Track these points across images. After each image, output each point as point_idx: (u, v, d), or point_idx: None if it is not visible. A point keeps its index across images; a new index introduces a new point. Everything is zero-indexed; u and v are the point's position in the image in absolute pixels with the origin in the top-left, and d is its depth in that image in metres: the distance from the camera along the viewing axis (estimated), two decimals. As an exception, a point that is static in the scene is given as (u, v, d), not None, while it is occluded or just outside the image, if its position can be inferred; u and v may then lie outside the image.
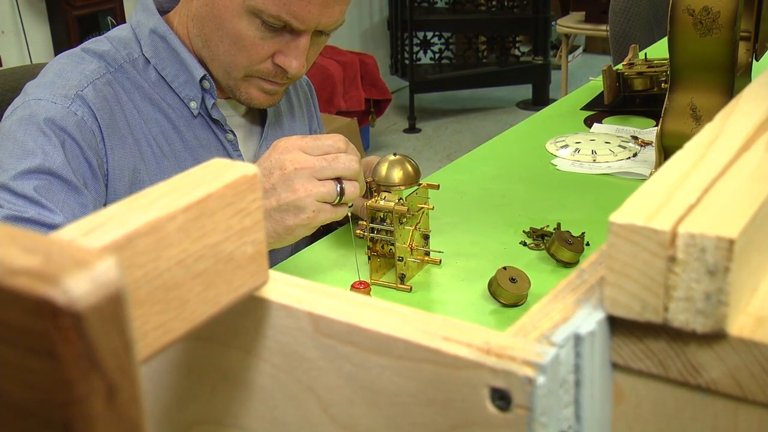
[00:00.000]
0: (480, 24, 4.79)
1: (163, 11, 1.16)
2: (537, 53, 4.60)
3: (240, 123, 1.20)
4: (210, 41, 1.10)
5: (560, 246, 1.06)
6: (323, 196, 0.96)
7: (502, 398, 0.32)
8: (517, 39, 4.84)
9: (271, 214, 0.96)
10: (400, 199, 1.03)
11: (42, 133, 1.02)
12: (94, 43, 1.14)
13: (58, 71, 1.09)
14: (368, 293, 1.02)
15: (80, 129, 1.04)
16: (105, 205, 1.08)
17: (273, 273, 0.38)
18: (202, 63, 1.13)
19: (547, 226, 1.17)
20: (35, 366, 0.23)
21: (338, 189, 0.97)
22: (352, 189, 0.98)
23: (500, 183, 1.36)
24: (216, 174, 0.34)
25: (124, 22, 1.18)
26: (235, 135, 1.17)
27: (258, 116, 1.23)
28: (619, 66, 1.71)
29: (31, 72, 1.39)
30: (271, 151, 0.98)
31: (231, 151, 1.17)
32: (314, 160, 0.96)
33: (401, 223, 1.04)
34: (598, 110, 1.69)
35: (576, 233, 1.10)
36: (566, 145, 1.48)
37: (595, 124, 1.61)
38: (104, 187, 1.07)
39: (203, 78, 1.12)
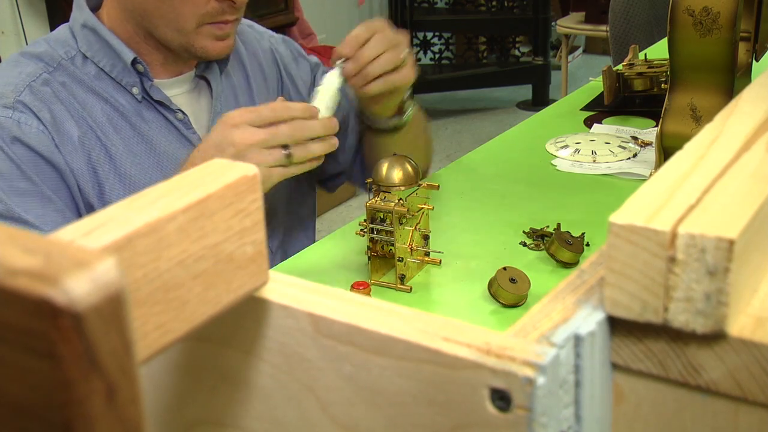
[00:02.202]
0: (480, 24, 4.79)
1: (96, 7, 1.17)
2: (537, 54, 4.60)
3: (187, 100, 1.21)
4: (148, 7, 1.10)
5: (560, 246, 1.06)
6: (272, 164, 1.02)
7: (502, 399, 0.32)
8: (517, 39, 4.84)
9: None
10: (400, 199, 1.03)
11: None
12: (31, 47, 1.15)
13: None
14: (368, 293, 1.02)
15: (31, 135, 1.06)
16: (85, 204, 1.10)
17: (273, 273, 0.38)
18: (135, 47, 1.14)
19: (547, 226, 1.17)
20: (35, 366, 0.23)
21: (285, 153, 1.03)
22: (300, 152, 1.03)
23: (500, 183, 1.36)
24: (216, 174, 0.34)
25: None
26: (184, 113, 1.18)
27: (205, 90, 1.22)
28: (619, 66, 1.71)
29: None
30: (221, 126, 1.02)
31: (184, 130, 1.17)
32: (260, 134, 1.01)
33: (401, 224, 1.04)
34: (598, 111, 1.69)
35: (576, 233, 1.10)
36: (566, 146, 1.48)
37: (595, 124, 1.61)
38: (76, 186, 1.09)
39: (134, 62, 1.13)
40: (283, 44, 1.36)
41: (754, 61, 1.19)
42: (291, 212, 1.32)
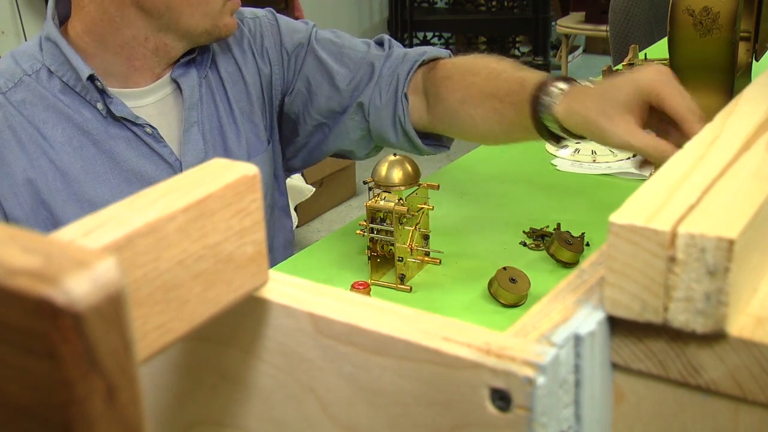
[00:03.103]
0: (480, 24, 4.79)
1: (65, 19, 1.13)
2: (537, 53, 4.60)
3: (153, 112, 1.14)
4: (173, 3, 1.07)
5: (560, 246, 1.06)
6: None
7: (502, 398, 0.32)
8: (517, 39, 4.84)
9: None
10: (400, 199, 1.03)
11: None
12: None
13: None
14: (368, 293, 1.02)
15: None
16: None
17: (273, 273, 0.38)
18: (98, 60, 1.09)
19: (547, 226, 1.17)
20: (35, 366, 0.23)
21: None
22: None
23: (500, 183, 1.36)
24: (216, 174, 0.34)
25: None
26: (153, 127, 1.11)
27: (172, 98, 1.15)
28: (619, 66, 1.71)
29: None
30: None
31: (153, 144, 1.12)
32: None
33: (401, 224, 1.04)
34: (598, 110, 1.68)
35: (576, 233, 1.10)
36: (566, 145, 1.47)
37: (595, 124, 1.61)
38: None
39: (92, 78, 1.08)
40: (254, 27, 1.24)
41: (754, 61, 1.19)
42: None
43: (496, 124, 1.07)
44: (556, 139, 1.01)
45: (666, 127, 0.89)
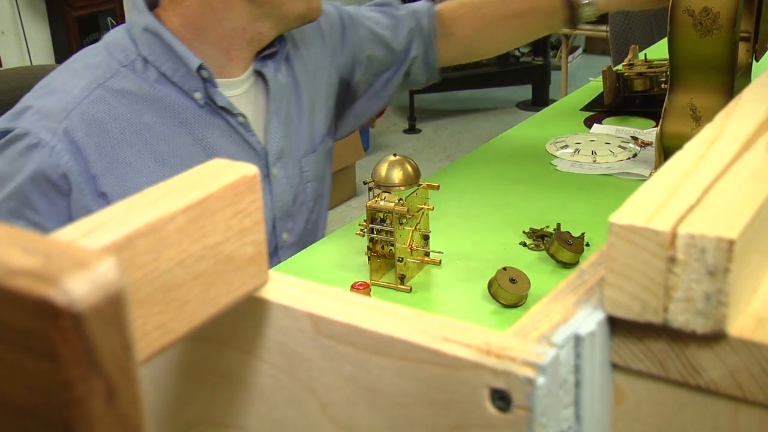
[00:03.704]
0: (480, 25, 4.78)
1: (153, 5, 1.15)
2: (537, 54, 4.60)
3: (245, 100, 1.19)
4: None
5: (560, 246, 1.06)
6: None
7: (502, 399, 0.32)
8: (518, 39, 4.83)
9: None
10: (400, 199, 1.03)
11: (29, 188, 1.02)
12: (88, 54, 1.13)
13: (51, 89, 1.08)
14: (368, 293, 1.02)
15: (52, 167, 1.02)
16: None
17: (273, 273, 0.38)
18: (197, 51, 1.12)
19: (547, 226, 1.17)
20: (35, 367, 0.23)
21: None
22: None
23: (500, 183, 1.36)
24: (216, 175, 0.34)
25: (124, 23, 1.18)
26: (245, 116, 1.17)
27: (262, 88, 1.21)
28: (619, 66, 1.71)
29: (32, 74, 1.38)
30: None
31: (244, 133, 1.17)
32: None
33: (401, 224, 1.04)
34: (598, 111, 1.69)
35: (576, 234, 1.10)
36: (566, 146, 1.48)
37: (594, 124, 1.61)
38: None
39: (200, 68, 1.11)
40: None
41: (754, 61, 1.19)
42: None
43: (522, 37, 1.45)
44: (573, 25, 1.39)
45: None
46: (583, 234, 1.11)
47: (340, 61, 1.33)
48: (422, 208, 1.07)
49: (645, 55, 1.75)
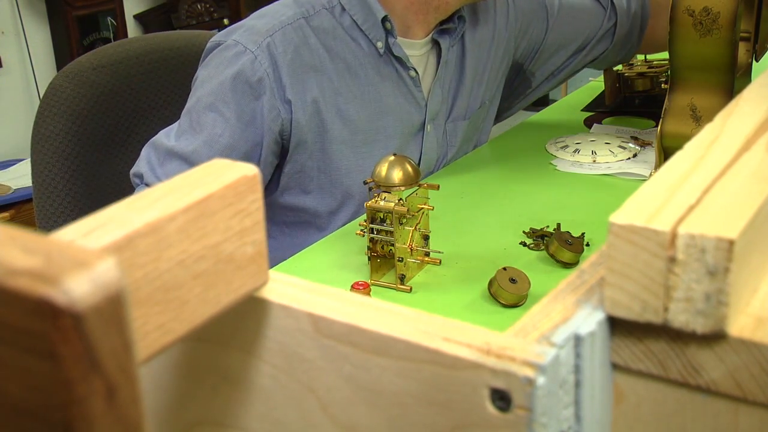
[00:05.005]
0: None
1: None
2: (537, 54, 4.59)
3: (419, 61, 1.35)
4: None
5: (560, 246, 1.06)
6: None
7: (502, 399, 0.32)
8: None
9: None
10: (400, 199, 1.03)
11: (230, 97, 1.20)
12: None
13: (263, 14, 1.28)
14: (368, 293, 1.02)
15: (254, 76, 1.20)
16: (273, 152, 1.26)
17: (273, 273, 0.38)
18: (385, 7, 1.29)
19: (547, 226, 1.17)
20: (35, 367, 0.23)
21: None
22: None
23: (500, 183, 1.36)
24: (216, 174, 0.34)
25: (124, 23, 1.23)
26: (417, 71, 1.32)
27: (434, 55, 1.37)
28: (620, 67, 1.71)
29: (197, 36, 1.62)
30: None
31: (412, 87, 1.33)
32: None
33: (401, 224, 1.04)
34: (598, 111, 1.69)
35: (576, 234, 1.10)
36: (566, 146, 1.48)
37: (594, 124, 1.61)
38: (262, 130, 1.22)
39: (384, 19, 1.27)
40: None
41: (754, 61, 1.19)
42: None
43: None
44: None
45: None
46: (583, 234, 1.11)
47: (522, 44, 1.50)
48: (422, 208, 1.06)
49: (645, 55, 1.75)
